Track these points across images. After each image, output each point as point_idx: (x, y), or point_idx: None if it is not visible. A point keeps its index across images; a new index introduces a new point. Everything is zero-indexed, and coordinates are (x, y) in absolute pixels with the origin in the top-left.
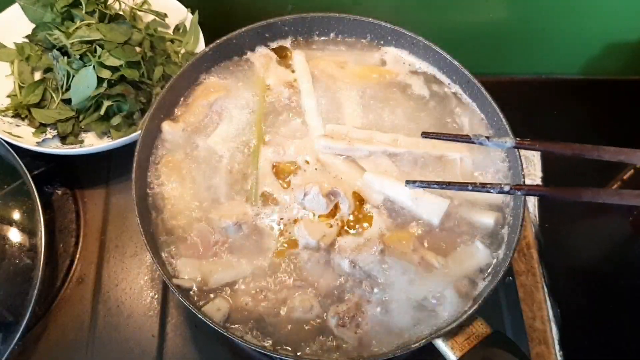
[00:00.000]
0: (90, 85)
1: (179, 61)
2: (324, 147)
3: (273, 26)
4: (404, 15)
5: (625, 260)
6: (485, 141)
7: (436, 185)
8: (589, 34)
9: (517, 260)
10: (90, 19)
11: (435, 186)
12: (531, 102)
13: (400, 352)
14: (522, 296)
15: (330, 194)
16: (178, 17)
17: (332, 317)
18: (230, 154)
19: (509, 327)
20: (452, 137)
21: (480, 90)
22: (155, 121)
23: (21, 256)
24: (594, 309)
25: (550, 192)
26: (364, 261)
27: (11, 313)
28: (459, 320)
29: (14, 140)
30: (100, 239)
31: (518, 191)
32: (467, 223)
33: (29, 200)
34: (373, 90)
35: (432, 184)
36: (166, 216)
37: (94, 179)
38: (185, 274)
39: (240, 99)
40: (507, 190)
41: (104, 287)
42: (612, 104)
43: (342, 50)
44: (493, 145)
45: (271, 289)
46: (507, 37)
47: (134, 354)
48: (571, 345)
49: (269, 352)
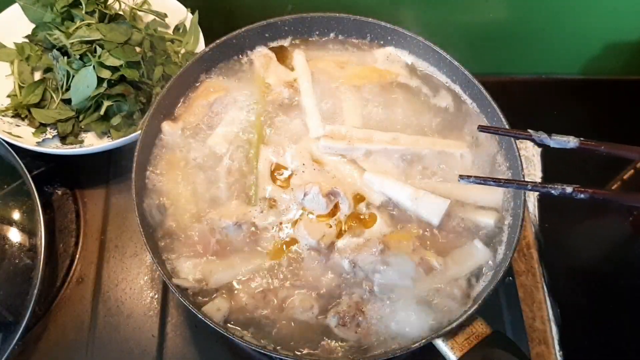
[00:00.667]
0: (90, 85)
1: (179, 61)
2: (324, 147)
3: (273, 26)
4: (404, 15)
5: (625, 260)
6: (546, 139)
7: (493, 182)
8: (589, 34)
9: (517, 260)
10: (90, 19)
11: (492, 183)
12: (531, 102)
13: (400, 352)
14: (522, 296)
15: (330, 194)
16: (178, 17)
17: (332, 317)
18: (230, 154)
19: (509, 327)
20: (512, 133)
21: (480, 90)
22: (155, 121)
23: (21, 256)
24: (594, 309)
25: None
26: (364, 261)
27: (11, 313)
28: (459, 320)
29: (13, 140)
30: (100, 239)
31: (581, 194)
32: (467, 223)
33: (29, 200)
34: (373, 90)
35: (488, 180)
36: (166, 216)
37: (94, 179)
38: (185, 274)
39: (240, 99)
40: (570, 192)
41: (104, 287)
42: (612, 104)
43: (342, 50)
44: (555, 144)
45: (271, 288)
46: (507, 37)
47: (134, 354)
48: (571, 345)
49: (268, 352)
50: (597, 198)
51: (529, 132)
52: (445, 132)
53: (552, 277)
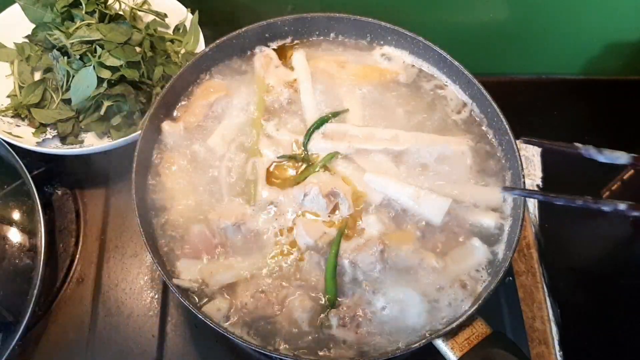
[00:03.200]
0: (90, 85)
1: (179, 61)
2: (323, 147)
3: (273, 26)
4: (404, 15)
5: (625, 260)
6: (595, 154)
7: (540, 195)
8: (589, 34)
9: (517, 260)
10: (90, 19)
11: (539, 197)
12: (531, 102)
13: (400, 352)
14: (522, 296)
15: (330, 195)
16: (178, 17)
17: (332, 317)
18: (229, 154)
19: (509, 327)
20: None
21: (480, 90)
22: (155, 121)
23: (21, 256)
24: (594, 309)
25: None
26: (364, 261)
27: (11, 313)
28: (459, 320)
29: (14, 141)
30: (100, 239)
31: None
32: (468, 223)
33: (29, 200)
34: (373, 90)
35: (534, 193)
36: (166, 216)
37: (94, 179)
38: (185, 274)
39: (240, 99)
40: (623, 210)
41: (104, 287)
42: (612, 104)
43: (342, 50)
44: (604, 159)
45: (271, 289)
46: (507, 37)
47: (134, 354)
48: (571, 345)
49: (268, 352)
50: None
51: (576, 145)
52: (445, 131)
53: (552, 277)
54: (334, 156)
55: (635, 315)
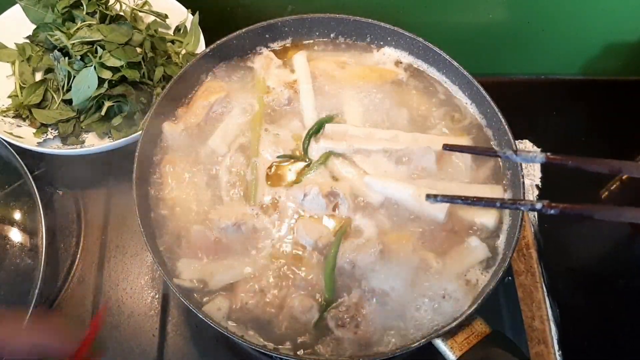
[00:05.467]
0: (91, 85)
1: (180, 62)
2: (323, 147)
3: (273, 27)
4: (404, 16)
5: (625, 260)
6: (512, 155)
7: (460, 200)
8: (588, 34)
9: (517, 260)
10: (91, 20)
11: (460, 201)
12: (531, 102)
13: (400, 352)
14: (522, 296)
15: (330, 195)
16: (178, 18)
17: (332, 317)
18: (230, 154)
19: (508, 327)
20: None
21: (480, 91)
22: (155, 122)
23: (22, 256)
24: (593, 309)
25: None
26: (364, 261)
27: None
28: (459, 320)
29: (15, 141)
30: (101, 239)
31: (551, 209)
32: (467, 223)
33: (30, 200)
34: (373, 91)
35: (456, 198)
36: (167, 216)
37: (95, 180)
38: (185, 273)
39: (241, 100)
40: (539, 209)
41: (105, 287)
42: (612, 104)
43: (342, 51)
44: (521, 160)
45: (271, 288)
46: (507, 37)
47: (134, 353)
48: (570, 345)
49: (269, 352)
50: (568, 213)
51: (494, 149)
52: (444, 130)
53: (552, 277)
54: (329, 156)
55: (634, 315)
